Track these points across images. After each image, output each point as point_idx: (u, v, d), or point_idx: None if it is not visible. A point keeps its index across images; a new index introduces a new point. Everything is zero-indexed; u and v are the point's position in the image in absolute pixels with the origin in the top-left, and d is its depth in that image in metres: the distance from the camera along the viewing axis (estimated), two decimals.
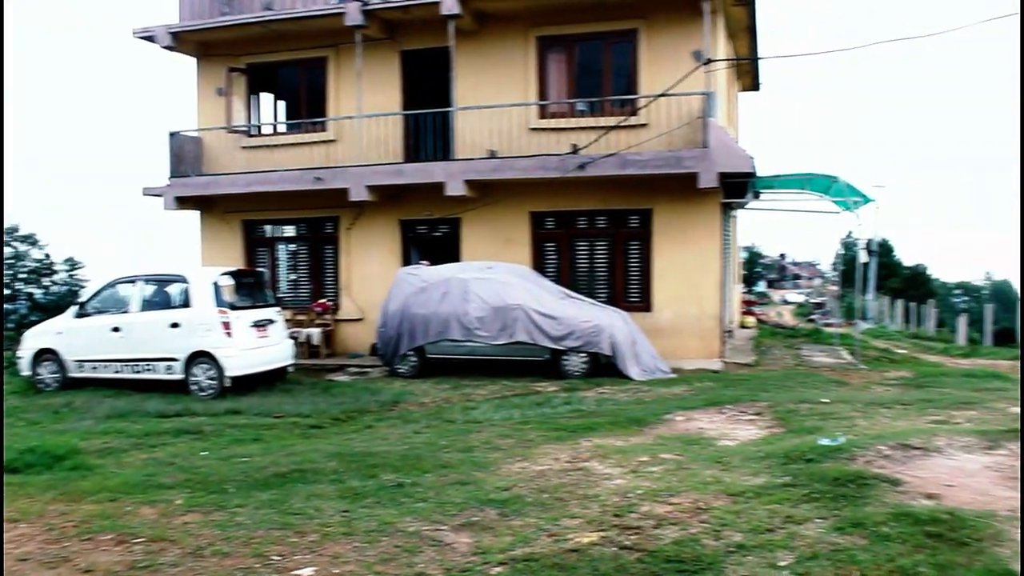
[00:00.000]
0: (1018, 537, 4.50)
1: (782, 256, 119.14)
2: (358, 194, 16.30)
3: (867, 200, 16.41)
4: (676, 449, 7.37)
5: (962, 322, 32.88)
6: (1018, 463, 6.15)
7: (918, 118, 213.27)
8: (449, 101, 16.29)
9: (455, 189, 15.69)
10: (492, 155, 15.99)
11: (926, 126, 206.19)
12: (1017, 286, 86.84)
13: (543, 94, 16.47)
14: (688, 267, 15.62)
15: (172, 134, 17.74)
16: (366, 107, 16.85)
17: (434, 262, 15.84)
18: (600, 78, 16.35)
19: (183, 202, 17.87)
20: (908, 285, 68.26)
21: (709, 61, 14.52)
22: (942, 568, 4.09)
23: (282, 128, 19.29)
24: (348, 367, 15.91)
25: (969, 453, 6.48)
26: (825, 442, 6.79)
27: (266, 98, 19.58)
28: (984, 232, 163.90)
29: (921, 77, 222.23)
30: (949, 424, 7.94)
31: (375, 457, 7.39)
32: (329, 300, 17.76)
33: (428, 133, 16.83)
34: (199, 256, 18.73)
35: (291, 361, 14.07)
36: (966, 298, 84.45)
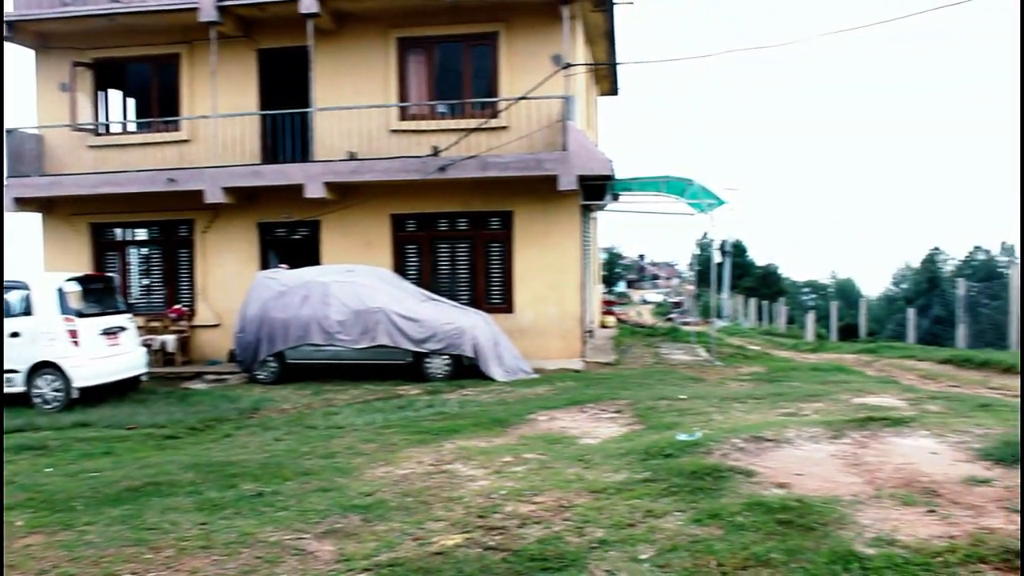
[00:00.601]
0: (861, 519, 4.74)
1: (641, 257, 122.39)
2: (214, 196, 15.80)
3: (720, 202, 17.00)
4: (539, 449, 7.42)
5: (810, 319, 34.47)
6: (860, 450, 6.48)
7: (769, 123, 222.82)
8: (308, 102, 15.99)
9: (314, 191, 15.40)
10: (352, 157, 15.79)
11: (777, 130, 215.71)
12: (859, 285, 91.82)
13: (404, 96, 16.37)
14: (549, 268, 15.81)
15: (8, 131, 16.72)
16: (222, 106, 16.34)
17: (293, 265, 15.51)
18: (461, 80, 16.38)
19: (23, 203, 16.88)
20: (761, 284, 71.17)
21: (568, 65, 14.75)
22: (792, 553, 4.24)
23: (132, 127, 18.44)
24: (205, 375, 15.39)
25: (816, 443, 6.77)
26: (683, 437, 6.97)
27: (115, 95, 18.65)
28: (831, 233, 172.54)
29: (775, 83, 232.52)
30: (798, 416, 8.28)
31: (234, 466, 7.15)
32: (184, 306, 17.14)
33: (287, 134, 16.46)
34: (42, 261, 17.74)
35: (144, 370, 13.49)
36: (814, 296, 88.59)
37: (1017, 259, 63.66)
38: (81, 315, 12.26)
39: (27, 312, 12.21)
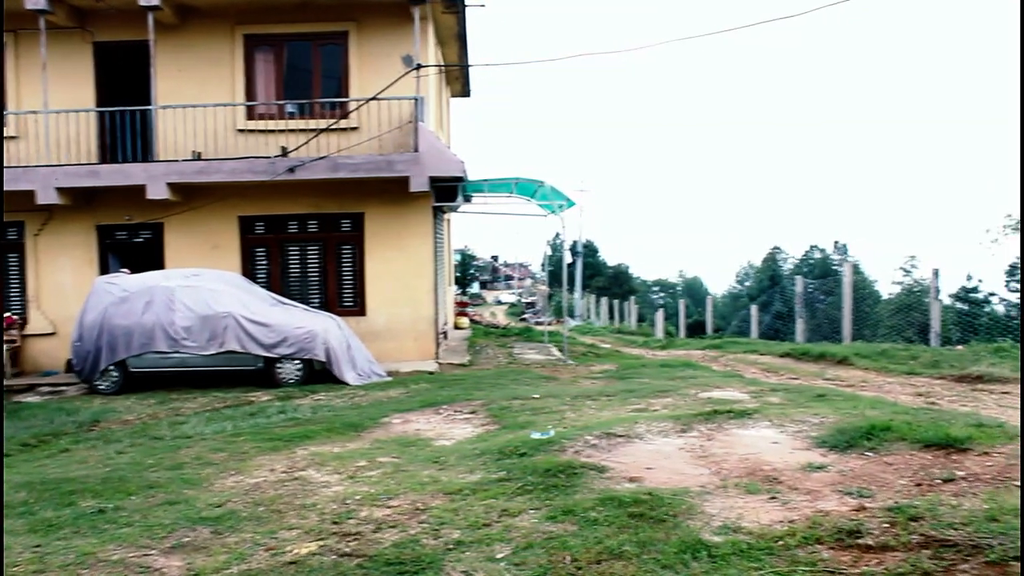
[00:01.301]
0: (708, 509, 4.93)
1: (494, 258, 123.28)
2: (46, 197, 14.94)
3: (571, 203, 17.34)
4: (394, 452, 7.38)
5: (659, 317, 35.60)
6: (707, 443, 6.73)
7: (619, 126, 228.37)
8: (149, 99, 15.36)
9: (157, 192, 14.81)
10: (197, 157, 15.27)
11: (628, 133, 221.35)
12: (706, 284, 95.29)
13: (251, 94, 15.95)
14: (401, 270, 15.74)
15: None
16: (53, 102, 15.44)
17: (136, 270, 14.86)
18: (310, 80, 16.09)
19: None
20: (612, 283, 73.00)
21: (420, 66, 14.71)
22: (644, 544, 4.36)
23: None
24: (40, 386, 14.54)
25: (665, 437, 7.00)
26: (537, 436, 7.06)
27: None
28: (679, 233, 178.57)
29: (625, 87, 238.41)
30: (648, 412, 8.53)
31: (72, 483, 6.78)
32: (15, 314, 16.14)
33: (127, 132, 15.72)
34: None
35: None
36: (663, 294, 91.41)
37: (850, 257, 67.51)
38: None
39: None
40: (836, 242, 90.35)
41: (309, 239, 16.21)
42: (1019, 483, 4.40)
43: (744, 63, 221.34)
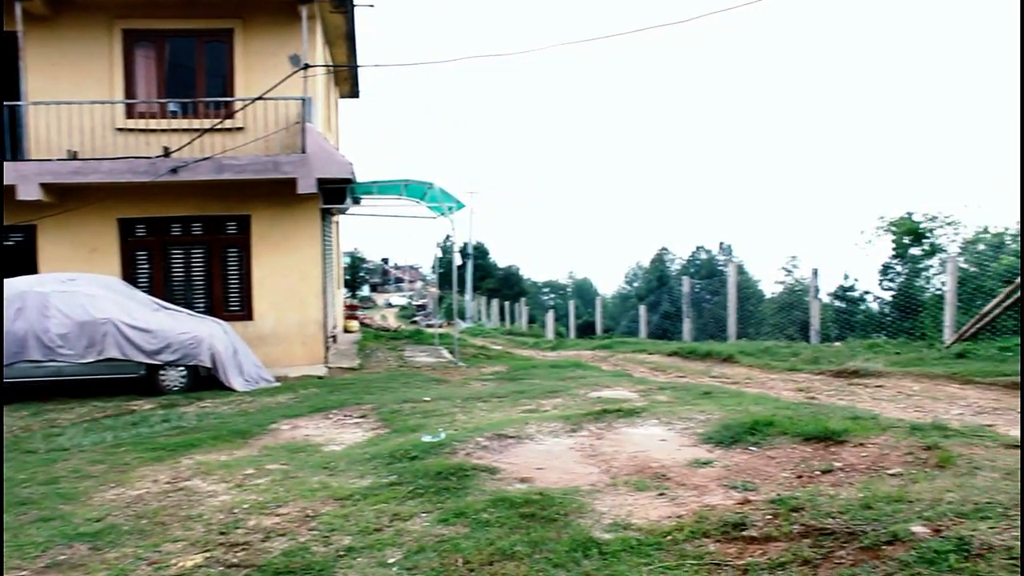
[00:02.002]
0: (599, 507, 5.00)
1: (385, 260, 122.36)
2: None
3: (460, 205, 17.35)
4: (282, 458, 7.24)
5: (550, 318, 35.93)
6: (597, 442, 6.83)
7: (510, 127, 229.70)
8: (19, 94, 14.67)
9: (29, 193, 14.14)
10: (73, 156, 14.64)
11: (520, 135, 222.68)
12: (596, 284, 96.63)
13: (131, 92, 15.38)
14: (289, 273, 15.46)
15: None
16: None
17: (6, 275, 14.16)
18: (194, 78, 15.62)
19: None
20: (503, 285, 73.36)
21: (307, 66, 14.47)
22: (536, 544, 4.40)
23: None
24: None
25: (556, 437, 7.08)
26: (427, 439, 7.05)
27: None
28: (569, 235, 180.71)
29: (517, 89, 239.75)
30: (539, 412, 8.61)
31: None
32: None
33: None
34: None
35: None
36: (553, 296, 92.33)
37: (735, 258, 69.43)
38: None
39: None
40: (721, 243, 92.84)
41: (193, 242, 15.75)
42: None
43: (633, 65, 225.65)
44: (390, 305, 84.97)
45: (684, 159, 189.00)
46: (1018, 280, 13.44)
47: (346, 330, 26.09)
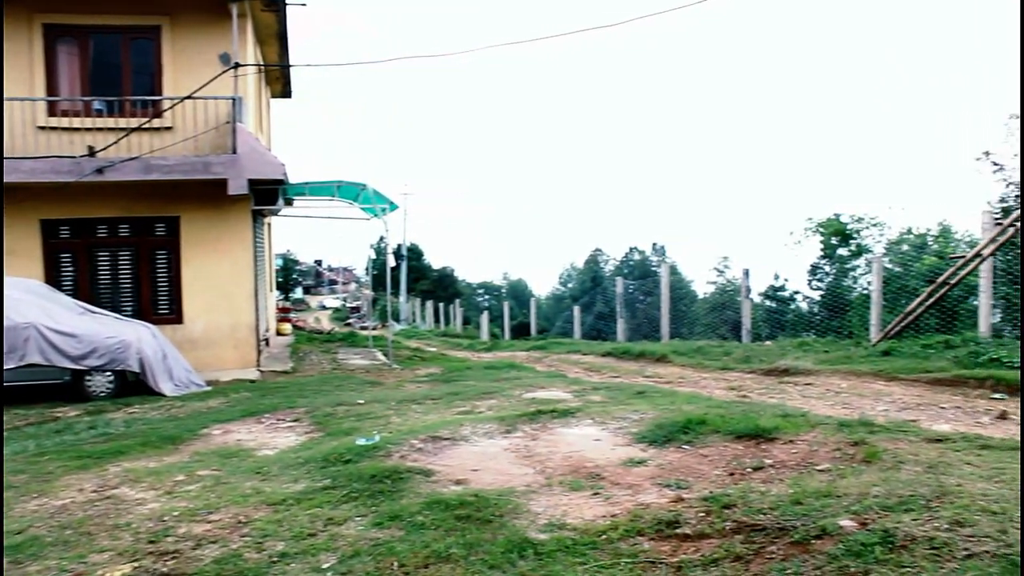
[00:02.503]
0: (534, 507, 5.01)
1: (318, 262, 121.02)
2: None
3: (394, 207, 17.27)
4: (214, 464, 7.11)
5: (484, 319, 35.94)
6: (532, 442, 6.84)
7: (447, 128, 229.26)
8: None
9: None
10: None
11: (455, 135, 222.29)
12: (530, 286, 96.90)
13: (53, 89, 14.96)
14: (220, 276, 15.20)
15: None
16: None
17: None
18: (120, 76, 15.26)
19: None
20: (437, 286, 73.19)
21: (238, 65, 14.26)
22: (471, 546, 4.39)
23: None
24: None
25: (491, 438, 7.08)
26: (362, 442, 6.99)
27: None
28: (503, 236, 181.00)
29: (452, 90, 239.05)
30: (473, 414, 8.59)
31: None
32: None
33: None
34: None
35: None
36: (488, 297, 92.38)
37: (667, 259, 70.28)
38: None
39: None
40: (655, 244, 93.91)
41: (120, 244, 15.38)
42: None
43: (568, 67, 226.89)
44: (324, 307, 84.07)
45: (618, 160, 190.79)
46: (939, 279, 13.85)
47: (279, 333, 25.79)
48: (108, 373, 12.63)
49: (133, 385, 12.74)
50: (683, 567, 4.00)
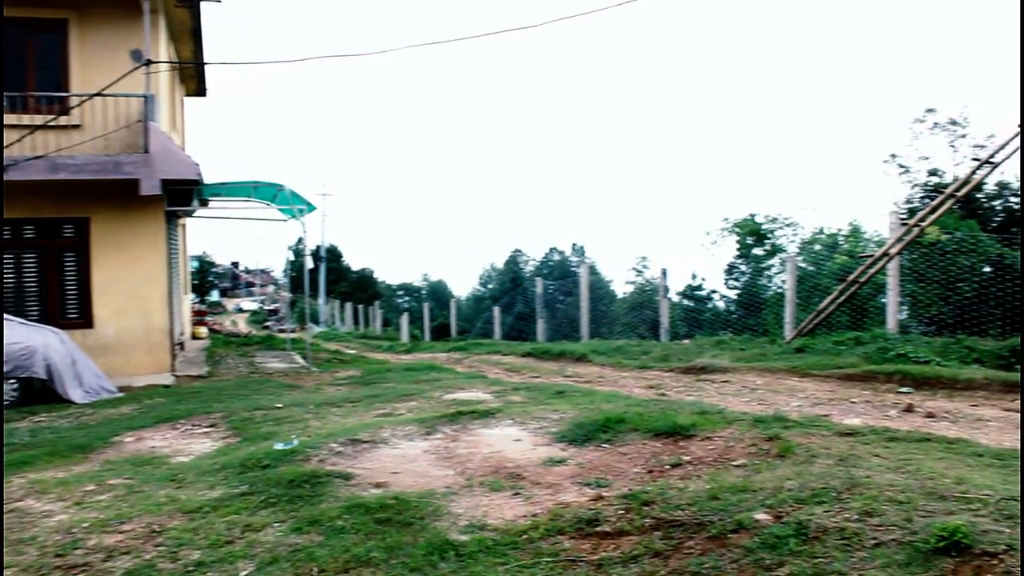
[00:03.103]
0: (455, 509, 5.00)
1: (235, 264, 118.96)
2: None
3: (312, 208, 17.07)
4: (126, 473, 6.91)
5: (404, 321, 35.76)
6: (452, 444, 6.82)
7: (361, 129, 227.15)
8: None
9: None
10: None
11: (374, 136, 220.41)
12: (450, 286, 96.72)
13: None
14: (132, 279, 14.79)
15: None
16: None
17: None
18: (24, 71, 14.69)
19: None
20: (357, 288, 72.57)
21: (150, 62, 13.90)
22: (391, 549, 4.36)
23: None
24: None
25: (411, 440, 7.04)
26: (280, 446, 6.88)
27: None
28: (423, 237, 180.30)
29: (369, 90, 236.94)
30: (393, 416, 8.54)
31: None
32: None
33: None
34: None
35: None
36: (408, 298, 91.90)
37: (587, 259, 70.85)
38: None
39: None
40: (574, 244, 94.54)
41: (26, 246, 14.83)
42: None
43: (486, 67, 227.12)
44: (241, 310, 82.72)
45: (538, 160, 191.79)
46: (850, 278, 14.24)
47: (194, 336, 25.30)
48: (12, 381, 12.16)
49: (40, 393, 12.31)
50: (603, 564, 4.03)
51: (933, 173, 21.55)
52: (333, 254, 73.93)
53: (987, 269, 14.43)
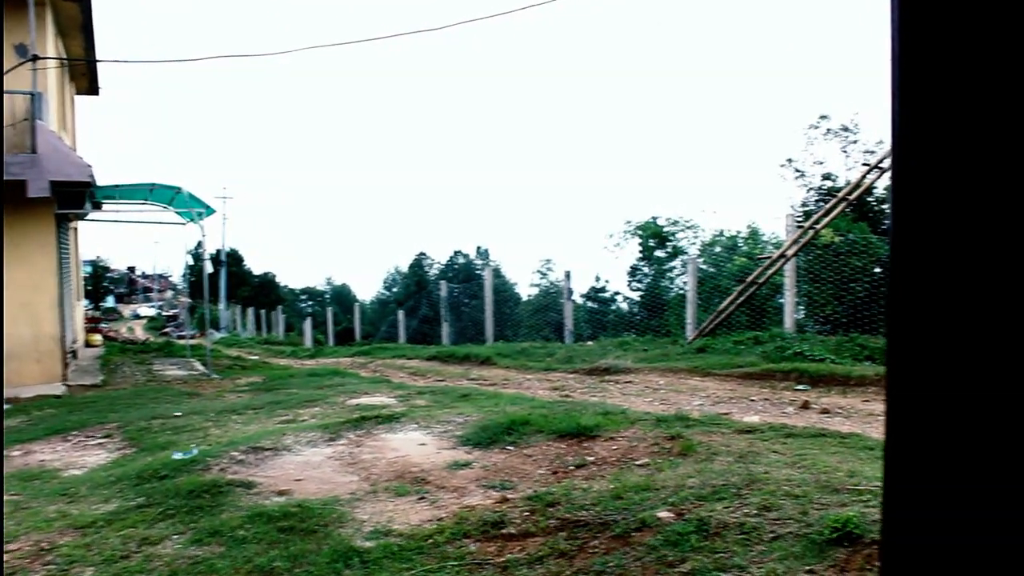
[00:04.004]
0: (359, 515, 4.94)
1: (131, 269, 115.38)
2: None
3: (211, 211, 16.70)
4: (14, 488, 6.62)
5: (308, 325, 35.31)
6: (356, 449, 6.74)
7: (265, 130, 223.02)
8: None
9: None
10: None
11: (275, 138, 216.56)
12: (355, 290, 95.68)
13: None
14: (19, 285, 14.17)
15: None
16: None
17: None
18: None
19: None
20: (259, 293, 71.27)
21: (36, 58, 13.37)
22: (295, 558, 4.28)
23: None
24: None
25: (314, 447, 6.94)
26: (179, 456, 6.69)
27: None
28: (326, 240, 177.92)
29: (267, 91, 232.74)
30: (296, 422, 8.41)
31: None
32: None
33: None
34: None
35: None
36: (311, 303, 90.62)
37: (491, 262, 71.02)
38: None
39: None
40: (479, 247, 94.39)
41: None
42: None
43: (390, 70, 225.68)
44: (138, 316, 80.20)
45: (441, 163, 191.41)
46: (749, 279, 14.62)
47: (88, 344, 24.47)
48: None
49: None
50: (509, 567, 4.03)
51: (827, 177, 22.31)
52: (234, 258, 72.43)
53: (878, 270, 14.96)
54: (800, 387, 10.13)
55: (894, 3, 0.96)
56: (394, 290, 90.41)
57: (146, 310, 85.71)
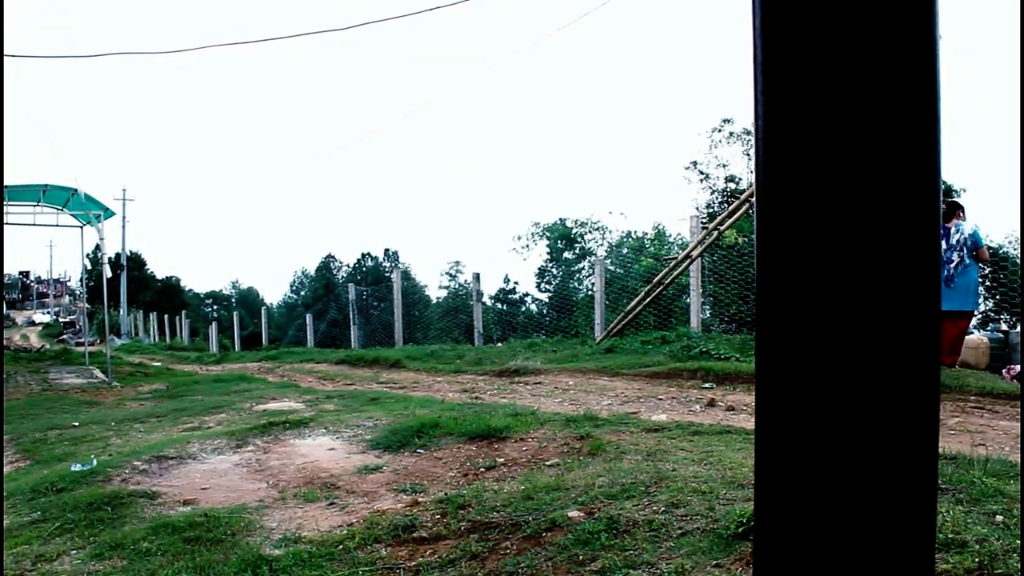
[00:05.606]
0: (268, 523, 4.86)
1: (24, 274, 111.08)
2: None
3: (110, 213, 16.22)
4: None
5: (213, 330, 34.56)
6: (264, 456, 6.64)
7: (165, 131, 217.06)
8: None
9: None
10: None
11: (178, 139, 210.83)
12: (261, 294, 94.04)
13: None
14: None
15: None
16: None
17: None
18: None
19: None
20: (162, 297, 69.40)
21: None
22: (201, 569, 4.18)
23: None
24: None
25: (221, 454, 6.80)
26: (77, 467, 6.47)
27: None
28: (231, 243, 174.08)
29: (176, 91, 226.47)
30: (202, 430, 8.23)
31: None
32: None
33: None
34: None
35: None
36: (217, 307, 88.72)
37: (400, 264, 70.62)
38: None
39: None
40: (387, 249, 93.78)
41: None
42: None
43: (298, 70, 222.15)
44: (33, 323, 77.24)
45: (347, 165, 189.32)
46: (655, 279, 14.87)
47: None
48: None
49: None
50: (421, 570, 4.02)
51: (730, 179, 22.87)
52: (136, 262, 70.38)
53: None
54: (706, 385, 10.34)
55: (756, 10, 1.00)
56: (302, 293, 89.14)
57: (42, 316, 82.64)
